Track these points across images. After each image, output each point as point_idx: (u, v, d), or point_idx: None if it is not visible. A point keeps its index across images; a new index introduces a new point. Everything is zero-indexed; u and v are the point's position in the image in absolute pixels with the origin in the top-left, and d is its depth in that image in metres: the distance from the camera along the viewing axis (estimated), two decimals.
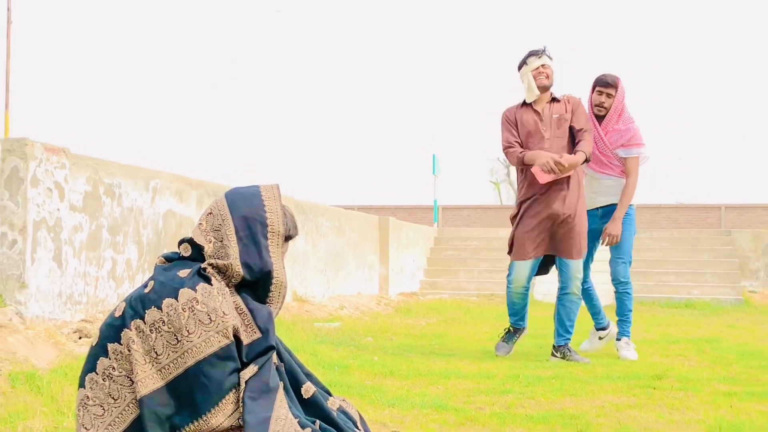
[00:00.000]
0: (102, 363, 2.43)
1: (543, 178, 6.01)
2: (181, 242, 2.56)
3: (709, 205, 29.03)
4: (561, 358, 6.15)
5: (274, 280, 2.54)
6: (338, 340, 6.88)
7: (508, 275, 6.37)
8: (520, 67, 6.25)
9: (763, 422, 3.83)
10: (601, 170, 6.43)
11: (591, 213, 6.43)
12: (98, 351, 2.46)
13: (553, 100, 6.25)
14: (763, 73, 65.51)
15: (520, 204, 6.36)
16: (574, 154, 6.10)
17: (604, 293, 7.81)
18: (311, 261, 10.14)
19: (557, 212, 6.13)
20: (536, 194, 6.19)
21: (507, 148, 6.27)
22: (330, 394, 2.68)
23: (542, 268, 6.42)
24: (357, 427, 2.58)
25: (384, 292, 12.80)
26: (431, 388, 4.71)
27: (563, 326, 6.26)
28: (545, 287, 12.33)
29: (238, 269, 2.47)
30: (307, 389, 2.56)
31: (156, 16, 67.80)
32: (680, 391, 4.68)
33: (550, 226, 6.18)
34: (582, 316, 6.55)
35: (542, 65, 6.16)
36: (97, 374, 2.44)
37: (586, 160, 6.11)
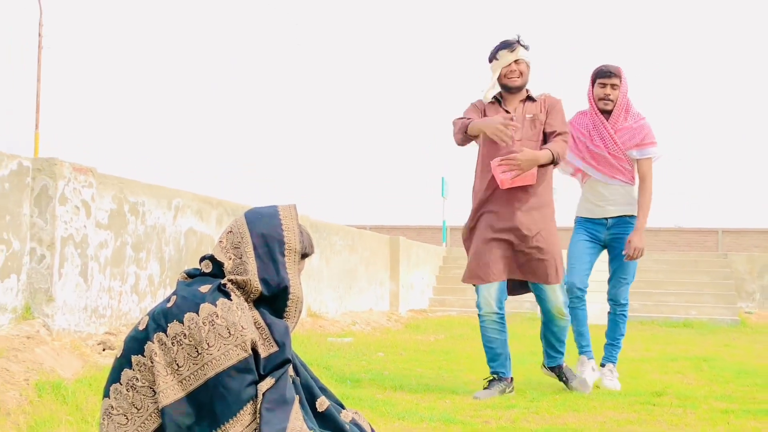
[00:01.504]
0: (126, 374, 2.44)
1: (504, 181, 4.89)
2: (202, 259, 2.58)
3: (707, 228, 28.92)
4: (559, 379, 5.40)
5: (290, 296, 2.54)
6: (350, 355, 6.87)
7: (477, 301, 5.20)
8: (490, 60, 5.17)
9: None
10: (612, 175, 5.48)
11: (596, 222, 5.56)
12: (122, 362, 2.46)
13: (528, 99, 5.17)
14: (756, 100, 65.38)
15: (476, 213, 5.19)
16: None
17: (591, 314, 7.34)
18: (325, 278, 10.13)
19: (521, 226, 5.01)
20: (497, 202, 5.07)
21: (459, 119, 5.15)
22: (343, 407, 2.67)
23: (518, 290, 5.32)
24: None
25: (394, 309, 12.77)
26: (440, 402, 4.69)
27: (553, 347, 5.35)
28: None
29: (257, 285, 2.48)
30: (322, 403, 2.56)
31: (174, 38, 68.27)
32: (679, 408, 4.66)
33: (513, 242, 5.05)
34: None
35: (515, 61, 5.06)
36: (121, 385, 2.44)
37: (554, 163, 5.00)
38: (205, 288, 2.45)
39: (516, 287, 5.27)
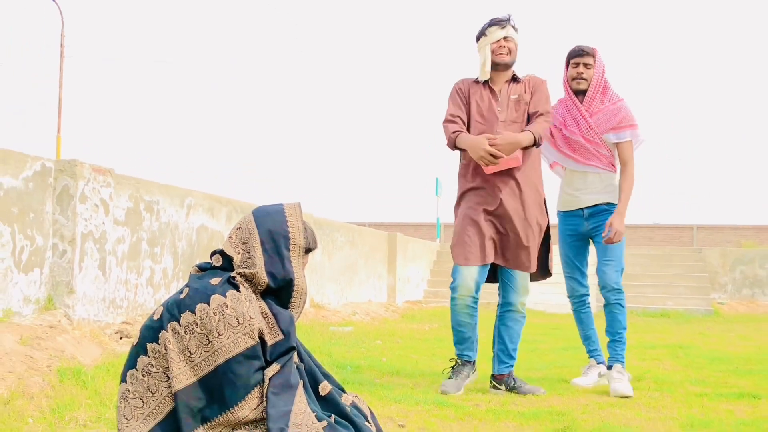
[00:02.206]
0: (142, 360, 2.44)
1: (489, 167, 4.50)
2: (213, 253, 2.58)
3: (683, 225, 28.95)
4: (507, 390, 4.60)
5: (295, 288, 2.54)
6: (350, 343, 6.86)
7: (452, 282, 4.67)
8: (478, 38, 4.70)
9: (730, 420, 3.80)
10: (586, 161, 4.84)
11: (574, 214, 4.94)
12: (139, 350, 2.46)
13: (514, 79, 4.71)
14: (731, 104, 65.42)
15: (461, 191, 4.75)
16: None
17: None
18: (327, 271, 10.13)
19: (512, 214, 4.58)
20: (483, 184, 4.62)
21: (447, 121, 4.69)
22: (344, 391, 2.67)
23: (490, 278, 4.81)
24: (368, 421, 2.57)
25: (392, 300, 12.77)
26: (434, 386, 4.69)
27: (505, 351, 4.66)
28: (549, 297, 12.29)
29: (264, 277, 2.48)
30: (324, 387, 2.56)
31: (185, 49, 68.22)
32: (656, 392, 4.66)
33: (502, 229, 4.62)
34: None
35: (504, 38, 4.62)
36: (137, 370, 2.44)
37: (536, 144, 4.52)
38: (215, 281, 2.45)
39: (490, 275, 4.78)
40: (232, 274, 2.48)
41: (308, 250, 2.60)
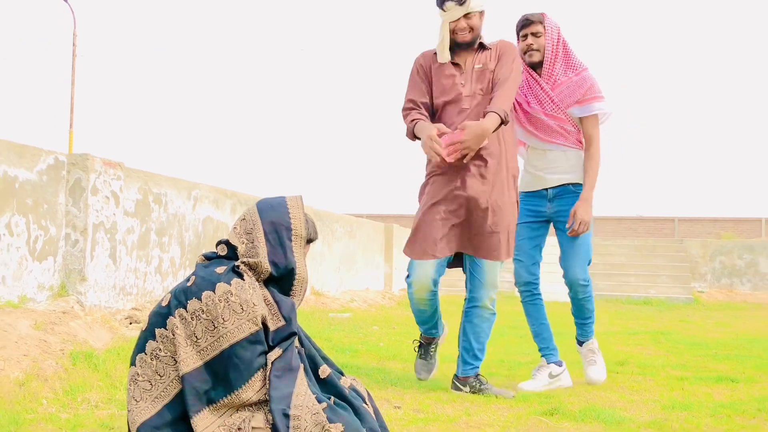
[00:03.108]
0: (150, 345, 2.44)
1: (449, 155, 3.82)
2: (218, 243, 2.58)
3: (665, 217, 28.97)
4: (471, 392, 4.00)
5: (296, 276, 2.55)
6: (349, 329, 6.87)
7: (407, 276, 4.07)
8: (439, 6, 3.96)
9: (709, 403, 3.82)
10: (548, 138, 4.22)
11: (537, 194, 4.32)
12: (147, 335, 2.46)
13: (480, 47, 4.01)
14: (713, 100, 65.44)
15: (428, 179, 4.09)
16: (483, 117, 3.82)
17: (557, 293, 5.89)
18: (327, 260, 10.13)
19: (477, 196, 3.93)
20: (447, 169, 3.97)
21: (405, 109, 4.05)
22: (342, 374, 2.67)
23: (455, 262, 4.18)
24: (365, 403, 2.58)
25: (388, 288, 12.77)
26: None
27: (470, 351, 4.07)
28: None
29: (267, 266, 2.48)
30: (324, 370, 2.57)
31: (192, 48, 68.03)
32: (639, 376, 4.67)
33: (465, 215, 3.96)
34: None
35: (465, 15, 3.88)
36: (146, 354, 2.44)
37: (504, 122, 3.82)
38: (221, 269, 2.45)
39: (455, 261, 4.17)
40: (237, 263, 2.48)
41: (309, 241, 2.60)
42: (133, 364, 2.46)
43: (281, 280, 2.53)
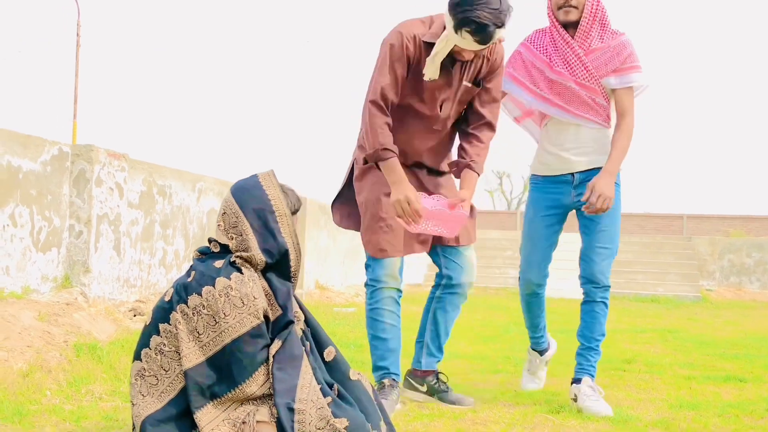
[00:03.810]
0: (155, 340, 2.44)
1: (410, 226, 3.19)
2: (210, 241, 2.57)
3: (673, 214, 28.91)
4: (428, 393, 3.55)
5: (291, 255, 2.53)
6: (354, 323, 6.87)
7: (368, 279, 3.43)
8: (451, 11, 3.06)
9: (717, 402, 3.81)
10: (578, 112, 3.50)
11: (559, 180, 3.60)
12: (151, 329, 2.46)
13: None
14: (722, 90, 65.24)
15: (368, 166, 3.38)
16: (464, 176, 3.33)
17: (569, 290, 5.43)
18: (332, 254, 10.13)
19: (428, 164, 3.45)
20: (399, 143, 3.30)
21: (374, 104, 3.20)
22: (349, 368, 2.67)
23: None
24: (371, 396, 2.58)
25: None
26: None
27: (437, 341, 3.61)
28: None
29: (260, 257, 2.47)
30: (329, 352, 2.57)
31: (197, 39, 68.06)
32: (646, 374, 4.66)
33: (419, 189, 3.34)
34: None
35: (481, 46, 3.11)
36: (150, 349, 2.44)
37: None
38: (219, 263, 2.45)
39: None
40: (232, 258, 2.47)
41: (294, 212, 2.58)
42: (138, 358, 2.46)
43: (278, 265, 2.52)
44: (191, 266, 2.51)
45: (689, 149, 63.15)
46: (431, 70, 3.18)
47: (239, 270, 2.43)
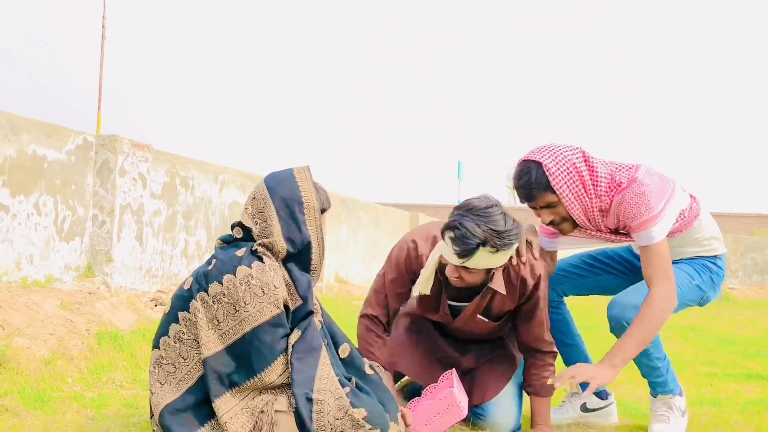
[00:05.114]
0: (174, 328, 2.44)
1: None
2: (233, 226, 2.56)
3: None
4: None
5: (313, 249, 2.52)
6: None
7: None
8: (443, 234, 2.62)
9: (738, 399, 3.77)
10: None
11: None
12: (171, 318, 2.46)
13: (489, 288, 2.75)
14: (731, 89, 64.49)
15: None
16: (533, 405, 2.89)
17: None
18: (351, 248, 10.14)
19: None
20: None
21: (366, 318, 2.90)
22: (364, 360, 2.66)
23: None
24: (388, 389, 2.57)
25: None
26: None
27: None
28: None
29: (283, 244, 2.46)
30: (344, 349, 2.56)
31: (220, 32, 68.31)
32: None
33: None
34: None
35: (463, 267, 2.60)
36: (169, 338, 2.44)
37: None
38: (240, 252, 2.45)
39: None
40: (254, 246, 2.46)
41: (323, 210, 2.57)
42: (156, 347, 2.46)
43: (299, 256, 2.51)
44: (212, 255, 2.51)
45: (713, 146, 62.52)
46: (424, 286, 2.75)
47: (260, 259, 2.43)
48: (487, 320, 2.87)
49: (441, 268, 2.73)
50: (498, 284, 2.73)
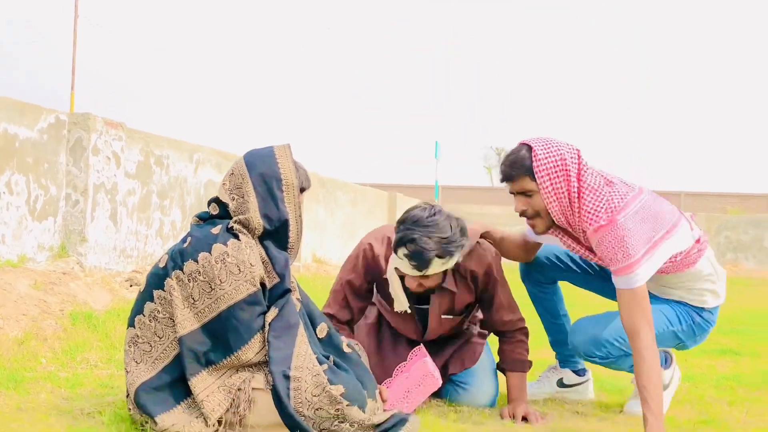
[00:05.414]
0: (149, 307, 2.42)
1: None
2: (209, 202, 2.53)
3: (670, 191, 28.90)
4: None
5: (291, 228, 2.50)
6: None
7: None
8: (396, 227, 2.71)
9: (712, 374, 3.82)
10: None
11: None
12: (146, 296, 2.44)
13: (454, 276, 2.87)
14: (720, 67, 65.04)
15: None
16: (510, 381, 2.92)
17: None
18: (329, 228, 10.12)
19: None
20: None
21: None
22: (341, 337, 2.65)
23: None
24: (365, 366, 2.57)
25: None
26: None
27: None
28: None
29: (259, 221, 2.43)
30: (322, 329, 2.54)
31: (197, 7, 67.58)
32: None
33: None
34: None
35: (422, 276, 2.68)
36: (144, 316, 2.42)
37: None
38: (216, 229, 2.42)
39: None
40: (230, 223, 2.44)
41: (302, 190, 2.54)
42: (131, 325, 2.44)
43: (276, 234, 2.48)
44: (188, 233, 2.48)
45: (687, 126, 63.08)
46: (399, 302, 2.85)
47: (236, 236, 2.40)
48: (452, 317, 2.97)
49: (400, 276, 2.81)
50: (450, 283, 2.86)
